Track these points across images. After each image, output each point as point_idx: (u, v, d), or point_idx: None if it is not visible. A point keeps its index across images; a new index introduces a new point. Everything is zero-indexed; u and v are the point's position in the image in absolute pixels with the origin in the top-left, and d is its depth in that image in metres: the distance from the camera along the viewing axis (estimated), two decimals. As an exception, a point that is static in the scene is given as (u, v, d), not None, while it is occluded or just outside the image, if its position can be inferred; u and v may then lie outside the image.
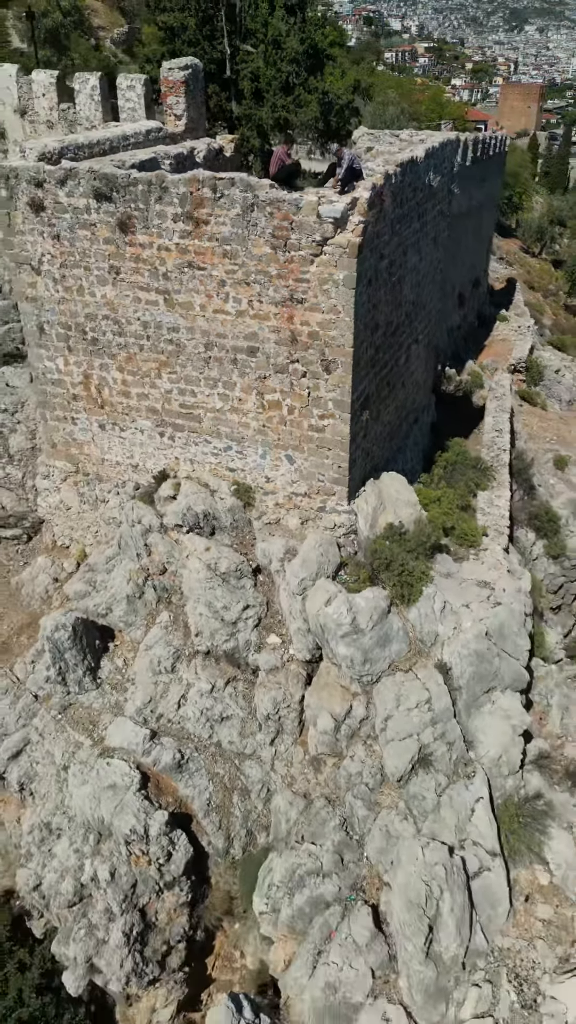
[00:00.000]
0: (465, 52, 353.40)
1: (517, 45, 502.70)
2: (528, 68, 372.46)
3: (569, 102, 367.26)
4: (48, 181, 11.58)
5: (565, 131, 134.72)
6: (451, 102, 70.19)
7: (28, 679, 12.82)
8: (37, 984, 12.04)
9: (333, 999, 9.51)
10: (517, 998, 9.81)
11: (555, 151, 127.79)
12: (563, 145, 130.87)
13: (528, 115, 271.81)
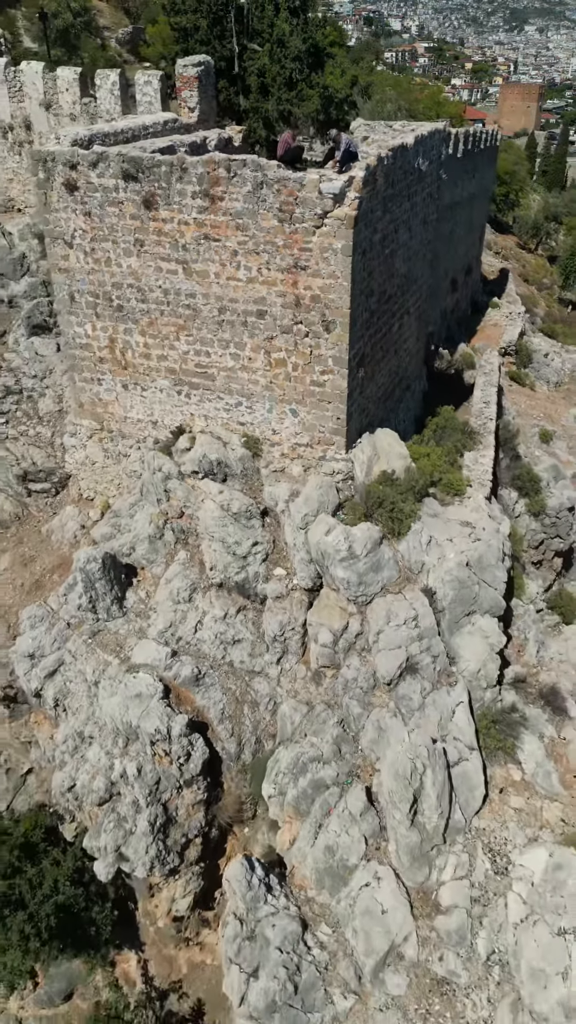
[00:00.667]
0: (465, 52, 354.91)
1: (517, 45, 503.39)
2: (528, 68, 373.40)
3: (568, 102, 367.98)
4: (81, 164, 13.17)
5: (563, 130, 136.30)
6: (449, 101, 71.58)
7: (61, 609, 14.40)
8: (70, 875, 13.65)
9: (332, 861, 11.10)
10: (491, 866, 11.40)
11: (553, 150, 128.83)
12: (560, 144, 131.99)
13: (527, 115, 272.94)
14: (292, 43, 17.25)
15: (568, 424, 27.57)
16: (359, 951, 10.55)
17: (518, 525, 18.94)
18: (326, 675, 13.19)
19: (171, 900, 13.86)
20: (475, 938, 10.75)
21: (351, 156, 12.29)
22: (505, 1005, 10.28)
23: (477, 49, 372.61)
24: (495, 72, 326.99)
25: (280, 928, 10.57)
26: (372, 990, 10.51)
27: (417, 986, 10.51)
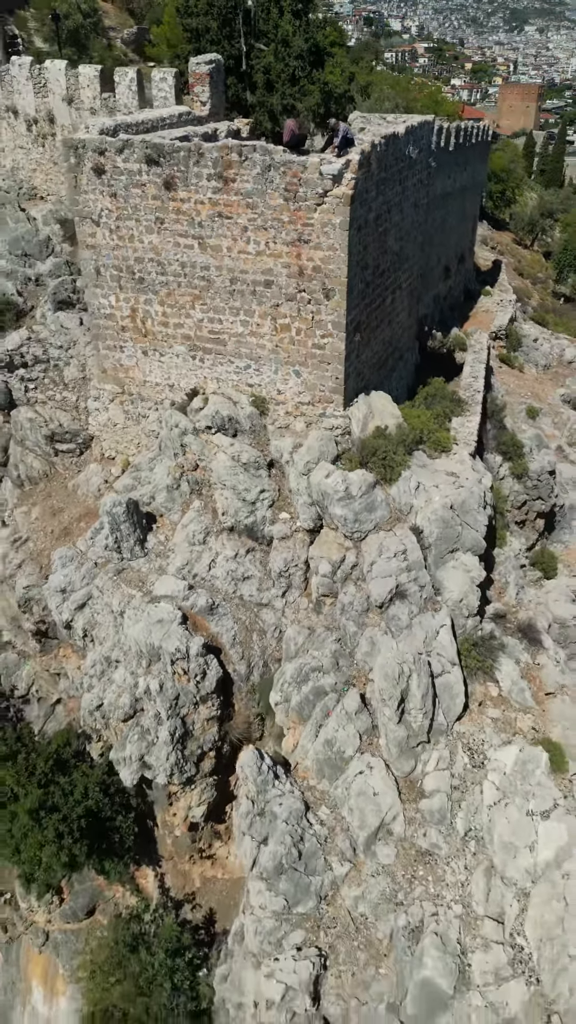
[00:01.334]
0: (465, 52, 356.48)
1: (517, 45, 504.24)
2: (528, 68, 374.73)
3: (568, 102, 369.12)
4: (109, 150, 14.86)
5: (560, 130, 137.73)
6: (447, 100, 73.17)
7: (89, 550, 16.07)
8: (98, 785, 15.31)
9: (330, 752, 12.78)
10: (469, 760, 13.07)
11: (551, 150, 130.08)
12: (558, 143, 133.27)
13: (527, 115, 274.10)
14: (295, 43, 18.95)
15: (554, 403, 29.26)
16: (354, 826, 12.24)
17: (502, 487, 20.62)
18: (325, 603, 14.87)
19: (188, 808, 15.53)
20: (454, 818, 12.42)
21: (348, 142, 13.99)
22: (480, 871, 11.96)
23: (477, 49, 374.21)
24: (495, 72, 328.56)
25: (286, 806, 12.25)
26: (365, 860, 12.19)
27: (404, 856, 12.19)
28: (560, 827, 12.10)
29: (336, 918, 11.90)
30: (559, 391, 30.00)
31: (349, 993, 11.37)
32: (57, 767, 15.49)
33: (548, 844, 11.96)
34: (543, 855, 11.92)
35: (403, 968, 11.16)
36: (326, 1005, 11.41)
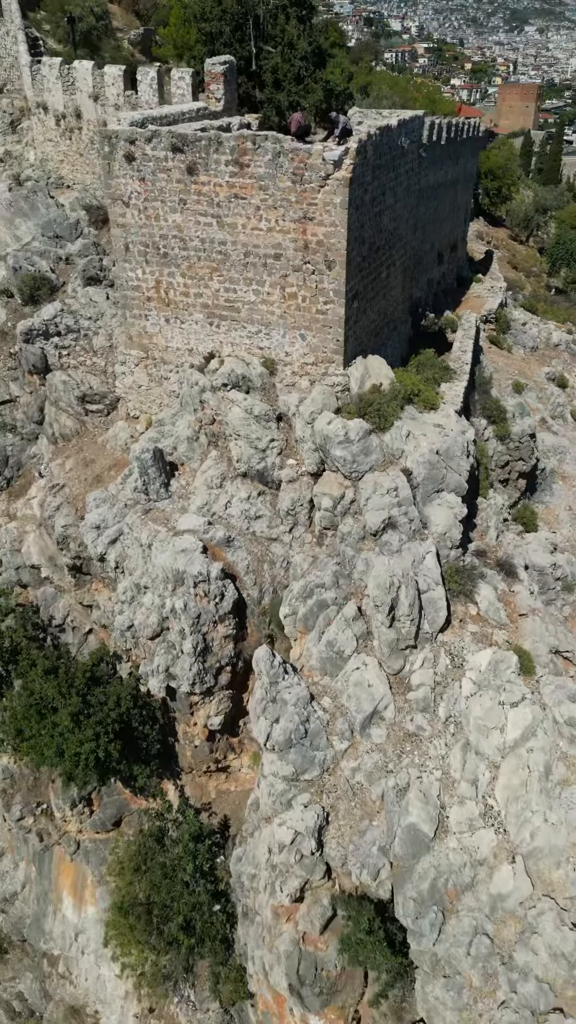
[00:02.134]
0: (464, 53, 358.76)
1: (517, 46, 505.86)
2: (527, 69, 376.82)
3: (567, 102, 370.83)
4: (139, 140, 17.08)
5: (558, 130, 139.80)
6: (444, 100, 75.41)
7: (120, 493, 18.29)
8: (129, 694, 17.50)
9: (331, 652, 15.00)
10: (450, 662, 15.29)
11: (548, 149, 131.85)
12: (555, 143, 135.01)
13: (526, 115, 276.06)
14: (300, 45, 21.17)
15: (540, 380, 31.49)
16: (352, 711, 14.45)
17: (486, 447, 22.83)
18: (327, 535, 17.10)
19: (207, 716, 17.76)
20: (437, 706, 14.64)
21: (347, 132, 16.21)
22: (457, 747, 14.17)
23: (477, 49, 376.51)
24: (494, 72, 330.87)
25: (294, 693, 14.47)
26: (361, 739, 14.41)
27: (393, 736, 14.40)
28: (526, 713, 14.32)
29: (336, 784, 14.12)
30: (544, 370, 32.23)
31: (347, 840, 13.59)
32: (92, 681, 17.73)
33: (516, 727, 14.18)
34: (511, 735, 14.14)
35: (392, 817, 13.37)
36: (328, 850, 13.63)
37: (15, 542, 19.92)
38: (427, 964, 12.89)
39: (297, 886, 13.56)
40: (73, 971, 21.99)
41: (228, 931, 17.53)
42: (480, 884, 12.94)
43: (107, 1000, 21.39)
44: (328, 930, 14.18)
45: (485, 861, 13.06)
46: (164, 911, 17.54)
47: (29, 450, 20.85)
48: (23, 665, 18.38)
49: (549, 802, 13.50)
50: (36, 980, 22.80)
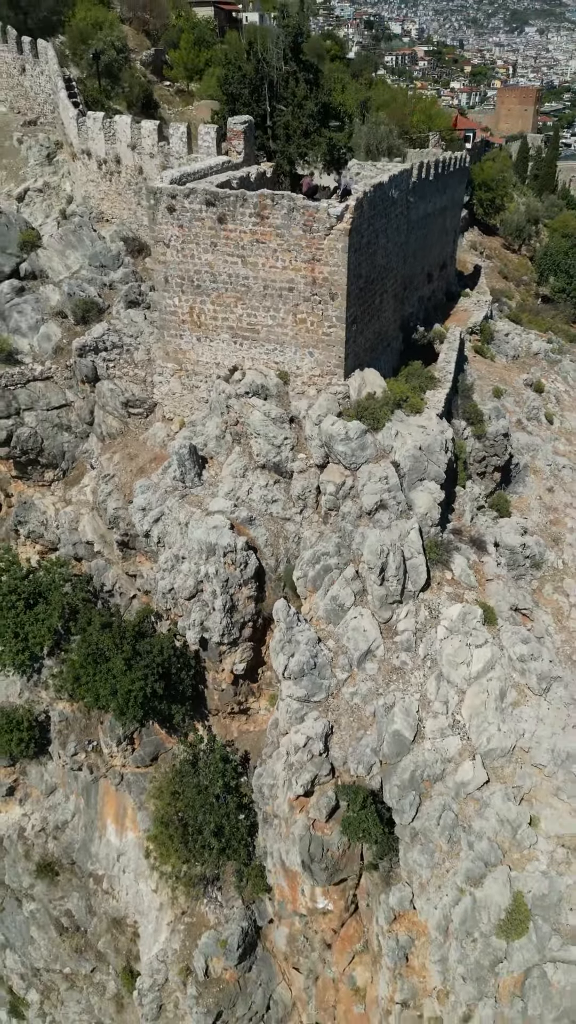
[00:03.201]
0: (464, 55, 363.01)
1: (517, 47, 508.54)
2: (527, 71, 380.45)
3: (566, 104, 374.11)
4: (178, 195, 21.25)
5: (553, 136, 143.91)
6: (440, 114, 79.36)
7: (161, 481, 22.42)
8: (169, 644, 21.67)
9: (334, 605, 19.18)
10: (428, 613, 19.48)
11: (543, 155, 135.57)
12: (550, 149, 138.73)
13: (525, 118, 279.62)
14: (307, 105, 25.30)
15: (518, 386, 35.67)
16: (350, 649, 18.63)
17: (465, 444, 26.97)
18: (331, 516, 21.28)
19: (232, 663, 21.93)
20: (417, 647, 18.81)
21: (347, 192, 20.35)
22: (432, 677, 18.34)
23: (477, 52, 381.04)
24: (494, 75, 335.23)
25: (305, 636, 18.65)
26: (357, 671, 18.59)
27: (383, 669, 18.58)
28: (487, 652, 18.51)
29: (339, 704, 18.29)
30: (523, 376, 36.41)
31: (347, 744, 17.76)
32: (139, 635, 21.93)
33: (479, 662, 18.37)
34: (475, 668, 18.33)
35: (381, 727, 17.54)
36: (332, 753, 17.80)
37: (72, 523, 24.11)
38: (407, 836, 17.08)
39: (309, 779, 17.75)
40: (115, 888, 26.17)
41: (250, 839, 21.71)
42: (448, 775, 17.12)
43: (144, 911, 25.54)
44: (332, 819, 18.36)
45: (452, 759, 17.24)
46: (197, 823, 21.68)
47: (81, 446, 25.02)
48: (81, 622, 22.57)
49: (502, 717, 17.70)
50: (82, 898, 26.97)
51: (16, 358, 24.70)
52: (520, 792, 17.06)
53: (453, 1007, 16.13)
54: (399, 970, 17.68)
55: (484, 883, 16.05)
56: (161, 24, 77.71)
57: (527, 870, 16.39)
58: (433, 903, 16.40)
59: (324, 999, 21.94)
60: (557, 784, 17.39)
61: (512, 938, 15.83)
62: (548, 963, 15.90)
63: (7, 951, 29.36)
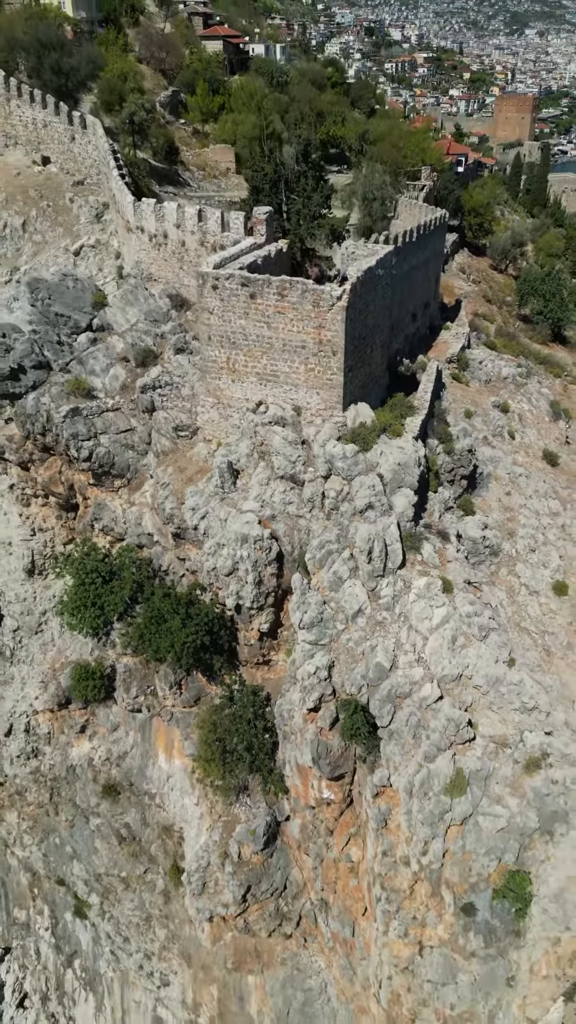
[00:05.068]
0: (463, 61, 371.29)
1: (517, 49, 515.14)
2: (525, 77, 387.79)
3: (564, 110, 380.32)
4: (220, 278, 29.25)
5: (543, 153, 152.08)
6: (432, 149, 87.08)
7: (205, 489, 30.41)
8: (212, 611, 29.69)
9: (335, 578, 27.17)
10: (403, 585, 27.50)
11: (535, 171, 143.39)
12: (541, 165, 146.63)
13: (522, 126, 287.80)
14: (315, 198, 33.38)
15: (487, 407, 43.70)
16: (346, 608, 26.64)
17: (437, 459, 34.98)
18: (332, 514, 29.28)
19: (259, 624, 29.94)
20: (394, 607, 26.83)
21: (345, 278, 28.36)
22: (405, 629, 26.34)
23: (476, 57, 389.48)
24: (493, 81, 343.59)
25: (315, 599, 26.67)
26: (352, 624, 26.60)
27: (369, 623, 26.60)
28: (444, 611, 26.52)
29: (339, 646, 26.31)
30: (492, 399, 44.45)
31: (344, 673, 25.77)
32: (190, 602, 29.94)
33: (437, 617, 26.39)
34: (435, 622, 26.35)
35: (368, 661, 25.54)
36: (333, 679, 25.80)
37: (136, 519, 32.12)
38: (386, 735, 25.10)
39: (317, 696, 25.79)
40: (165, 803, 34.15)
41: (272, 756, 29.67)
42: (414, 693, 25.14)
43: (188, 820, 33.53)
44: (333, 729, 26.36)
45: (417, 682, 25.27)
46: (233, 744, 29.64)
47: (142, 461, 32.98)
48: (146, 593, 30.59)
49: (453, 654, 25.74)
50: (138, 812, 34.95)
51: (93, 394, 32.72)
52: (464, 704, 25.09)
53: (414, 844, 24.18)
54: (380, 831, 25.73)
55: (436, 760, 24.08)
56: (176, 63, 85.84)
57: (467, 755, 24.44)
58: (402, 776, 24.43)
59: (327, 877, 29.97)
60: (490, 700, 25.43)
61: (455, 797, 23.86)
62: (480, 815, 23.97)
63: (74, 861, 37.36)
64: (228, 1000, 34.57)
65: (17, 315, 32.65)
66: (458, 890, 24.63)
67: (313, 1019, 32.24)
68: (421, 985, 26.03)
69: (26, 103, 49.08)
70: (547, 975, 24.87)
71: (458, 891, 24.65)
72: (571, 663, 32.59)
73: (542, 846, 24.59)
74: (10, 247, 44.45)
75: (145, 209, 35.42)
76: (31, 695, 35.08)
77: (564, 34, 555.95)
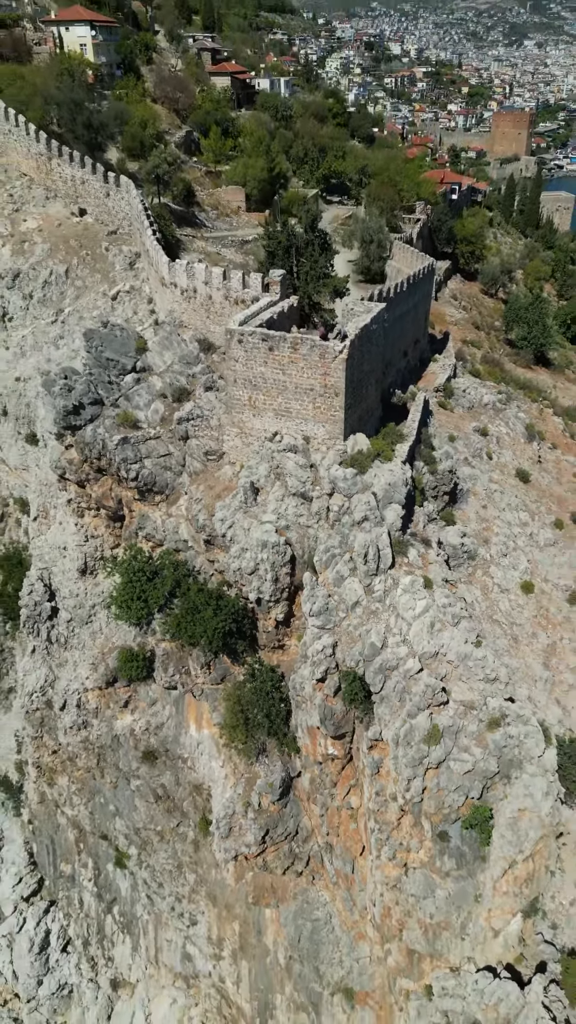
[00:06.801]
0: (462, 75, 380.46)
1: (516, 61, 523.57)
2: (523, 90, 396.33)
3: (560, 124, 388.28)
4: (244, 334, 36.54)
5: (536, 176, 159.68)
6: (426, 182, 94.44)
7: (231, 503, 37.52)
8: (236, 603, 36.88)
9: (338, 576, 34.34)
10: (392, 582, 34.66)
11: (529, 191, 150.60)
12: (534, 188, 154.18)
13: (519, 141, 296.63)
14: (320, 261, 40.72)
15: (468, 431, 50.98)
16: (347, 600, 33.79)
17: (423, 478, 42.21)
18: (335, 524, 36.47)
19: (275, 614, 37.14)
20: (385, 599, 34.01)
21: (344, 336, 35.65)
22: (393, 616, 33.52)
23: (475, 71, 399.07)
24: (491, 95, 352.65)
25: (322, 593, 33.86)
26: (351, 613, 33.77)
27: (365, 612, 33.77)
28: (425, 602, 33.71)
29: (341, 630, 33.46)
30: (473, 424, 51.74)
31: (346, 650, 32.90)
32: (219, 596, 37.10)
33: (419, 606, 33.58)
34: (417, 611, 33.54)
35: (364, 640, 32.67)
36: (337, 654, 32.95)
37: (174, 528, 39.32)
38: (378, 700, 32.26)
39: (323, 669, 32.94)
40: (196, 766, 41.22)
41: (286, 722, 36.78)
42: (400, 666, 32.31)
43: (215, 780, 40.61)
44: (336, 696, 33.49)
45: (402, 658, 32.45)
46: (254, 713, 36.75)
47: (178, 480, 40.17)
48: (183, 589, 37.76)
49: (431, 636, 32.93)
50: (172, 774, 42.01)
51: (138, 425, 39.96)
52: (439, 675, 32.25)
53: (400, 783, 31.31)
54: (374, 776, 32.87)
55: (417, 717, 31.23)
56: (188, 103, 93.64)
57: (441, 714, 31.61)
58: (391, 730, 31.57)
59: (332, 822, 37.03)
60: (460, 672, 32.60)
61: (431, 745, 31.01)
62: (451, 760, 31.12)
63: (116, 818, 44.42)
64: (248, 934, 41.63)
65: (76, 361, 39.89)
66: (434, 820, 31.76)
67: (320, 945, 39.26)
68: (407, 899, 33.13)
69: (66, 162, 56.53)
70: (507, 892, 32.05)
71: (434, 820, 31.77)
72: (534, 649, 39.88)
73: (501, 787, 31.75)
74: (55, 291, 51.84)
75: (178, 269, 42.76)
76: (83, 675, 42.17)
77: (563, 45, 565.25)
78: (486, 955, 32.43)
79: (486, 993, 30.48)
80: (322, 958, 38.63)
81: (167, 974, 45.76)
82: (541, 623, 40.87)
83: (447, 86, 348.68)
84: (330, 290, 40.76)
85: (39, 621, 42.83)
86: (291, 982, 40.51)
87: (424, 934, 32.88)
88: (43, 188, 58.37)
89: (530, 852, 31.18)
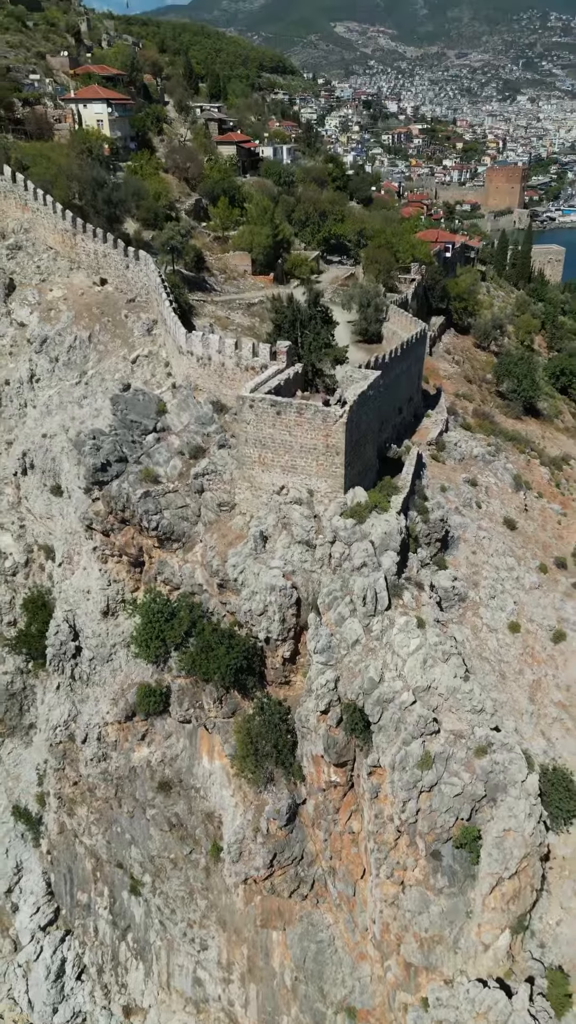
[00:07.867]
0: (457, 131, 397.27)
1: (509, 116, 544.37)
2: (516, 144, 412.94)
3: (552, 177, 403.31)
4: (254, 400, 41.29)
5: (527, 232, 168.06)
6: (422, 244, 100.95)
7: (243, 550, 41.79)
8: (246, 642, 40.91)
9: (339, 616, 38.44)
10: (389, 623, 38.76)
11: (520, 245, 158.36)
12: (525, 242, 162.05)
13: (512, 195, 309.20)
14: (322, 333, 45.76)
15: (459, 482, 55.53)
16: (347, 638, 37.76)
17: (416, 527, 46.55)
18: (337, 570, 40.68)
19: (282, 652, 41.11)
20: (382, 638, 38.03)
21: (344, 402, 40.39)
22: (389, 654, 37.47)
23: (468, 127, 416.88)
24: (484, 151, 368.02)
25: (325, 632, 37.83)
26: (351, 650, 37.74)
27: (364, 649, 37.74)
28: (419, 640, 37.73)
29: (342, 666, 37.35)
30: (463, 475, 56.33)
31: (347, 683, 36.73)
32: (230, 635, 41.11)
33: (413, 644, 37.58)
34: (411, 648, 37.53)
35: (364, 675, 36.53)
36: (339, 688, 36.78)
37: (190, 573, 43.50)
38: (376, 729, 36.04)
39: (327, 702, 36.77)
40: (208, 795, 44.63)
41: (292, 752, 40.42)
42: (396, 699, 36.16)
43: (225, 807, 44.01)
44: (338, 726, 37.25)
45: (397, 691, 36.32)
46: (263, 744, 40.43)
47: (194, 529, 44.49)
48: (198, 628, 41.76)
49: (424, 671, 36.87)
50: (186, 804, 45.36)
51: (158, 480, 44.48)
52: (431, 707, 36.08)
53: (396, 805, 34.90)
54: (373, 800, 36.45)
55: (411, 745, 34.97)
56: (197, 172, 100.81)
57: (434, 742, 35.36)
58: (388, 756, 35.28)
59: (335, 847, 40.42)
60: (450, 704, 36.43)
61: (424, 770, 34.70)
62: (443, 784, 34.78)
63: (132, 846, 47.58)
64: (256, 957, 44.53)
65: (100, 420, 44.56)
66: (428, 839, 35.26)
67: (324, 966, 42.20)
68: (404, 914, 36.41)
69: (89, 237, 62.31)
70: (495, 908, 35.41)
71: (428, 840, 35.28)
72: (521, 684, 43.77)
73: (488, 809, 35.34)
74: (79, 355, 57.00)
75: (194, 339, 47.83)
76: (103, 710, 45.87)
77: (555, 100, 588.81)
78: (477, 968, 35.58)
79: (476, 1001, 33.59)
80: (326, 978, 41.52)
81: (178, 999, 48.31)
82: (527, 660, 44.79)
83: (442, 142, 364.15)
84: (331, 358, 45.69)
85: (64, 659, 46.72)
86: (296, 1003, 43.26)
87: (420, 947, 36.05)
88: (67, 260, 64.04)
89: (515, 870, 34.61)
